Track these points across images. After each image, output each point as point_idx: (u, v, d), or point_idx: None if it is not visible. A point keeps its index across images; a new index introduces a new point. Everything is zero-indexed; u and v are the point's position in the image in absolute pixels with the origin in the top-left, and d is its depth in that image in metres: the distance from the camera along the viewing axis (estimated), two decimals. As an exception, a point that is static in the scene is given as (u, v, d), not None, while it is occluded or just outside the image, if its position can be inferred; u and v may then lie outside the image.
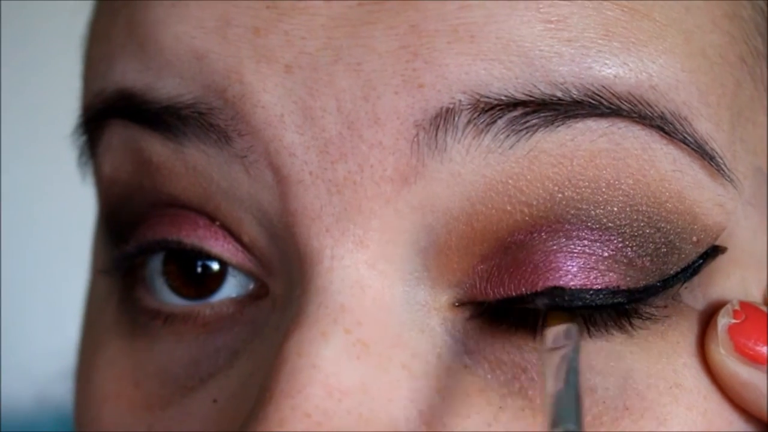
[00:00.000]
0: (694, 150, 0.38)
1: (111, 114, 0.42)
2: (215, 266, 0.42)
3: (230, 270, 0.42)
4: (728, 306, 0.39)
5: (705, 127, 0.38)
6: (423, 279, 0.39)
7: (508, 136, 0.37)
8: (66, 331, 0.53)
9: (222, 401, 0.40)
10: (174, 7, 0.40)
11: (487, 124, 0.37)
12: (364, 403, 0.37)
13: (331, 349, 0.37)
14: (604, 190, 0.38)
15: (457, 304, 0.39)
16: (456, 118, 0.37)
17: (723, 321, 0.38)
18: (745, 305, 0.39)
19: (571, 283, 0.38)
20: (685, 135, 0.38)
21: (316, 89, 0.38)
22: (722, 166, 0.39)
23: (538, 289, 0.38)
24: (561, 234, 0.38)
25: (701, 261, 0.39)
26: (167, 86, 0.40)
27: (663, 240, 0.38)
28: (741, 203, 0.39)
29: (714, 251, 0.39)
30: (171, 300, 0.42)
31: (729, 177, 0.39)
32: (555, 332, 0.37)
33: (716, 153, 0.38)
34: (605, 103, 0.37)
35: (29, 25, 1.20)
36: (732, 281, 0.40)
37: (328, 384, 0.37)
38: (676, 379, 0.38)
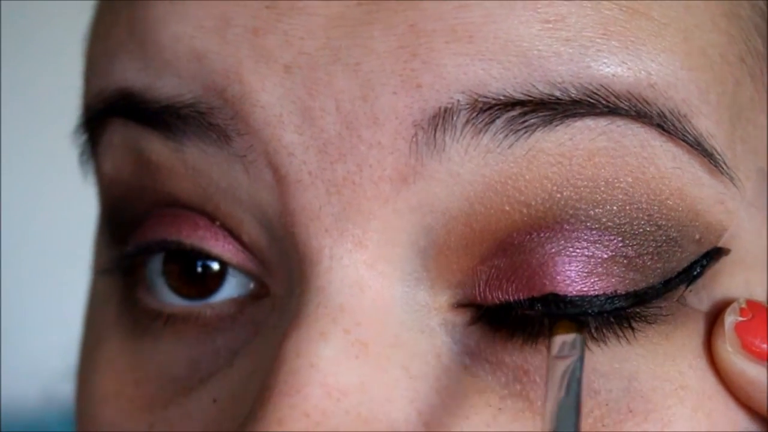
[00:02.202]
0: (693, 147, 0.38)
1: (111, 113, 0.42)
2: (215, 266, 0.42)
3: (230, 270, 0.41)
4: (735, 304, 0.39)
5: (704, 124, 0.38)
6: (422, 279, 0.39)
7: (506, 135, 0.37)
8: (71, 328, 0.53)
9: (222, 401, 0.40)
10: (173, 6, 0.40)
11: (486, 124, 0.37)
12: (362, 403, 0.37)
13: (330, 349, 0.37)
14: (602, 188, 0.38)
15: (457, 305, 0.39)
16: (454, 118, 0.37)
17: (730, 319, 0.38)
18: (752, 303, 0.39)
19: (569, 288, 0.38)
20: (685, 132, 0.38)
21: (315, 89, 0.38)
22: (721, 163, 0.38)
23: (535, 295, 0.38)
24: (560, 235, 0.38)
25: (705, 262, 0.39)
26: (167, 86, 0.40)
27: (664, 237, 0.38)
28: (744, 205, 0.39)
29: (717, 252, 0.39)
30: (171, 300, 0.42)
31: (729, 175, 0.39)
32: (562, 341, 0.37)
33: (715, 150, 0.38)
34: (603, 101, 0.37)
35: (29, 25, 1.20)
36: (736, 282, 0.40)
37: (326, 383, 0.37)
38: (682, 380, 0.38)
